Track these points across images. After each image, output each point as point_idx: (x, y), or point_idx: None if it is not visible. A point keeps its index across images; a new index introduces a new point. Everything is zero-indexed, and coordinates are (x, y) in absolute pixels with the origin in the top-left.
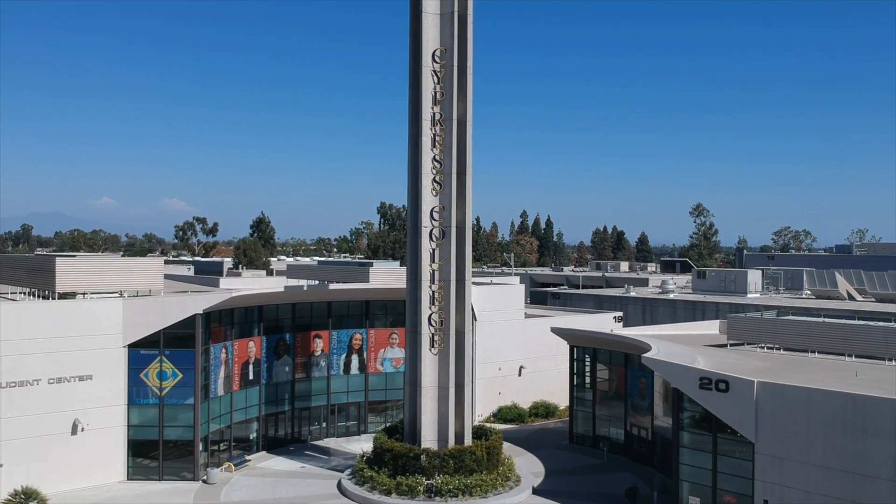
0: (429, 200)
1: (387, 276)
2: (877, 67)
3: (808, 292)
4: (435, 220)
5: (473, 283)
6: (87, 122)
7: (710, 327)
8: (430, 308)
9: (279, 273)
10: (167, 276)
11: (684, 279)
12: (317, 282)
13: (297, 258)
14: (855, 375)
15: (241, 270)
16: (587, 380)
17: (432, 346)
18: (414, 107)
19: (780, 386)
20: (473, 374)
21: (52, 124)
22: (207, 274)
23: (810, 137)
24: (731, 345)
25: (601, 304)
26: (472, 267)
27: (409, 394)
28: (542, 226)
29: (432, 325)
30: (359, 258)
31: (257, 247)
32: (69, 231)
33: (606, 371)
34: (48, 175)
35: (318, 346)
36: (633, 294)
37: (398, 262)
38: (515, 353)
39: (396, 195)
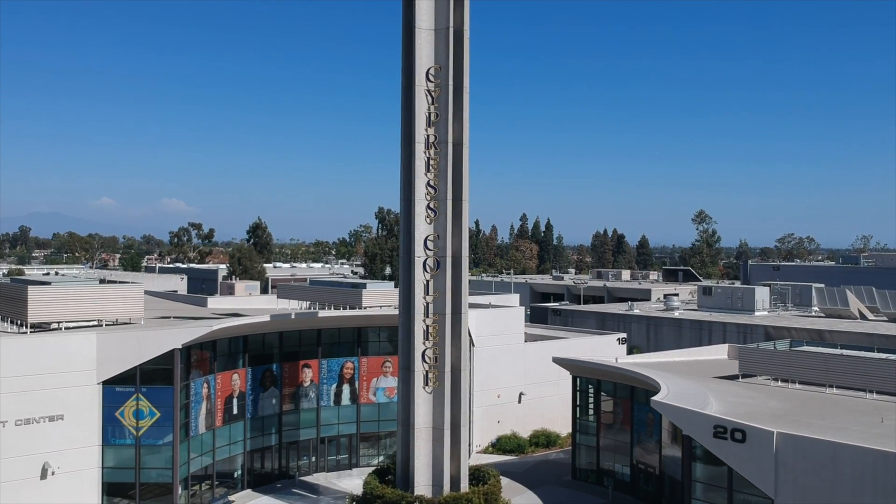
0: (422, 229)
1: (380, 297)
2: (879, 67)
3: (817, 309)
4: (429, 249)
5: (471, 305)
6: (86, 122)
7: (719, 352)
8: (423, 344)
9: (274, 282)
10: (153, 294)
11: (687, 289)
12: (307, 304)
13: (294, 264)
14: (881, 421)
15: (234, 281)
16: (590, 412)
17: (426, 384)
18: (406, 128)
19: (802, 439)
20: (471, 411)
21: (51, 124)
22: (202, 282)
23: (811, 138)
24: (743, 376)
25: (604, 322)
26: (470, 275)
27: (401, 435)
28: (542, 229)
29: (426, 362)
30: (356, 265)
31: (252, 255)
32: (66, 233)
33: (611, 403)
34: (48, 175)
35: (307, 376)
36: (636, 312)
37: (393, 283)
38: (515, 378)
39: (395, 200)
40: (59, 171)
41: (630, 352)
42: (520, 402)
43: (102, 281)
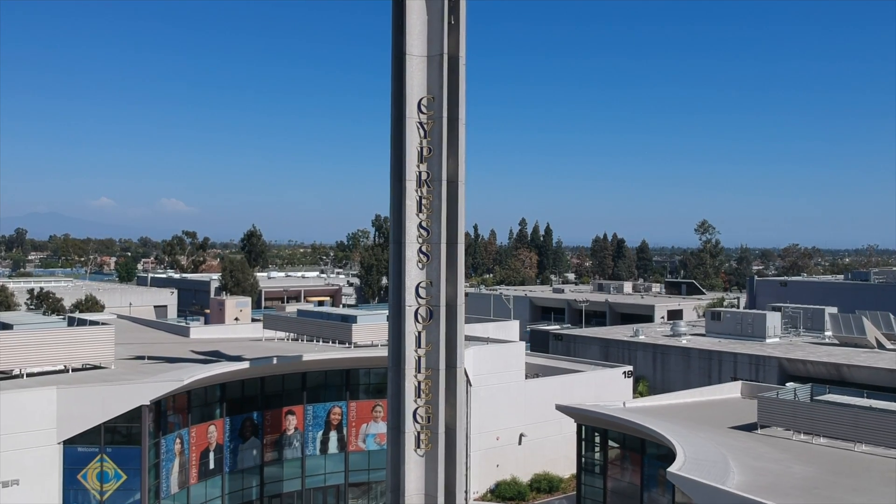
0: (414, 275)
1: (371, 331)
2: (879, 67)
3: (830, 334)
4: (421, 297)
5: (467, 338)
6: (85, 122)
7: (732, 390)
8: (415, 402)
9: (268, 294)
10: (134, 320)
11: (691, 304)
12: (293, 335)
13: (289, 273)
14: None
15: (225, 297)
16: (597, 464)
17: (418, 447)
18: (396, 164)
19: None
20: (468, 456)
21: (50, 124)
22: (194, 293)
23: (811, 138)
24: (762, 427)
25: (608, 349)
26: (467, 285)
27: (390, 503)
28: (542, 233)
29: (418, 422)
30: (352, 274)
31: (244, 267)
32: (62, 235)
33: (619, 454)
34: (46, 175)
35: (291, 423)
36: (642, 338)
37: (386, 314)
38: (515, 419)
39: None
40: (58, 171)
41: (636, 382)
42: (520, 443)
43: (71, 322)
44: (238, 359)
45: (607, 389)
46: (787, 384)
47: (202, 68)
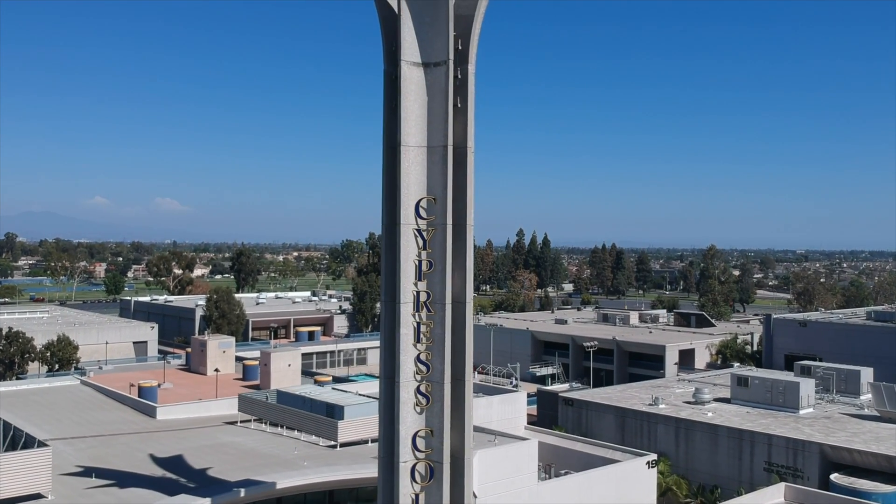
0: (410, 422)
1: (361, 429)
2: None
3: (867, 399)
4: (419, 450)
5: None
6: (80, 121)
7: (775, 495)
8: None
9: (255, 324)
10: (94, 388)
11: (703, 342)
12: (268, 424)
13: (279, 294)
14: None
15: (207, 336)
16: None
17: None
18: (389, 280)
19: None
20: None
21: (45, 123)
22: (178, 322)
23: (811, 138)
24: None
25: (624, 421)
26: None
27: None
28: (539, 244)
29: None
30: (345, 298)
31: (230, 298)
32: (54, 240)
33: None
34: (41, 174)
35: None
36: (662, 408)
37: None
38: None
39: None
40: (53, 170)
41: (657, 465)
42: None
43: (6, 433)
44: (202, 476)
45: (630, 486)
46: (832, 476)
47: (199, 67)
